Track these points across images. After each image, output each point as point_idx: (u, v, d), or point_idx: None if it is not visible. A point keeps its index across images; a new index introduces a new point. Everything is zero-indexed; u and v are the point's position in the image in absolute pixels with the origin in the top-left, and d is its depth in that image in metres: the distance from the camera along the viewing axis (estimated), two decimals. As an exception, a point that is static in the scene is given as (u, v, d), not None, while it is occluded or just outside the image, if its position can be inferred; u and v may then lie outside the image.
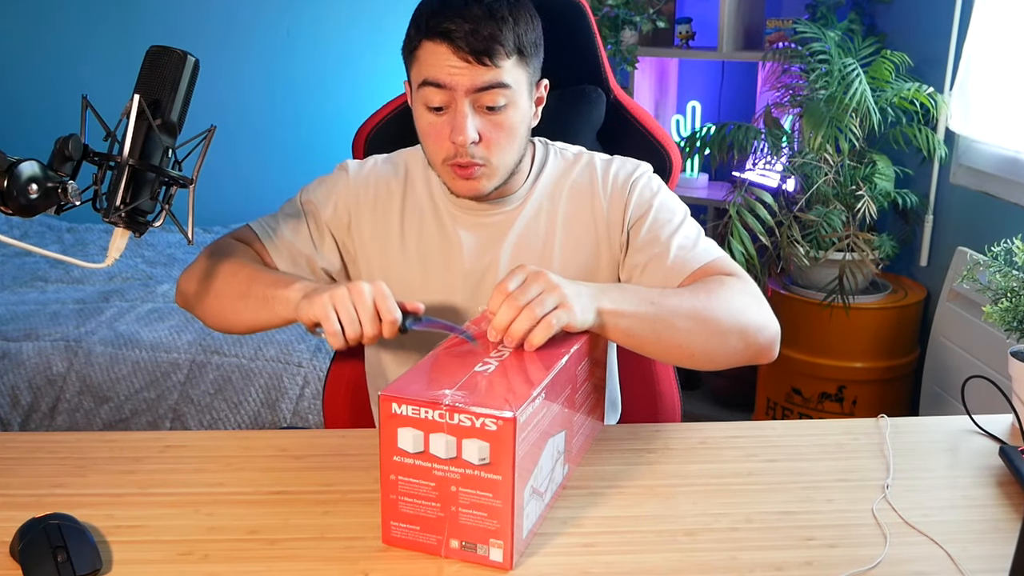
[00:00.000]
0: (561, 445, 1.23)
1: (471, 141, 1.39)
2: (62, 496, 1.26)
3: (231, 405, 2.76)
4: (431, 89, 1.39)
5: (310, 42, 4.40)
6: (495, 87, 1.38)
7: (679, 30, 3.69)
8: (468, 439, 1.06)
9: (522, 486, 1.09)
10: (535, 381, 1.12)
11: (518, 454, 1.05)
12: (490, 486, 1.07)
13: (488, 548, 1.09)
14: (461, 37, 1.34)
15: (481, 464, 1.06)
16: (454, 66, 1.36)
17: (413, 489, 1.10)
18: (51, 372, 2.78)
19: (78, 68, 4.32)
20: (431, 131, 1.43)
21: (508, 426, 1.03)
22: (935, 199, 3.20)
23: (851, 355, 3.09)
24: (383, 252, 1.57)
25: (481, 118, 1.40)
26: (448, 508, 1.09)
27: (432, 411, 1.06)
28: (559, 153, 1.61)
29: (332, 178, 1.60)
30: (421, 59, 1.39)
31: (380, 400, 1.09)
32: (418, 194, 1.57)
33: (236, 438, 1.45)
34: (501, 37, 1.36)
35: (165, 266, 3.72)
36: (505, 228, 1.55)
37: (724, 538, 1.17)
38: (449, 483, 1.08)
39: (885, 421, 1.49)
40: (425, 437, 1.07)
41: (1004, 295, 1.53)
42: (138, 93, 1.18)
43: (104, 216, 1.18)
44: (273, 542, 1.15)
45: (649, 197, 1.54)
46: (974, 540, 1.16)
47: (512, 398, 1.07)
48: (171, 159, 1.23)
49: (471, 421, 1.05)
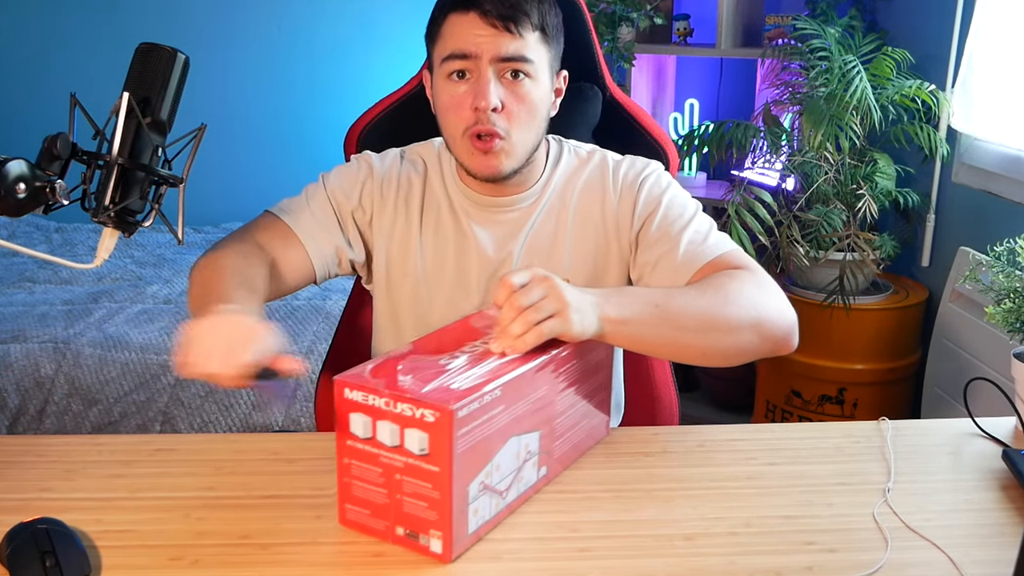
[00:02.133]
0: (534, 446, 1.23)
1: (493, 107, 1.42)
2: (50, 500, 1.26)
3: (222, 408, 2.75)
4: (455, 60, 1.43)
5: (302, 39, 4.39)
6: (518, 59, 1.43)
7: (677, 26, 3.69)
8: (409, 428, 1.08)
9: (465, 480, 1.10)
10: (492, 378, 1.13)
11: (458, 448, 1.07)
12: (429, 477, 1.09)
13: (429, 539, 1.12)
14: (490, 3, 1.40)
15: (421, 455, 1.08)
16: (480, 33, 1.41)
17: (363, 473, 1.14)
18: (39, 374, 2.77)
19: (66, 65, 4.31)
20: (452, 102, 1.45)
21: (445, 419, 1.05)
22: (937, 198, 3.20)
23: (852, 357, 3.10)
24: (402, 246, 1.58)
25: (504, 88, 1.44)
26: (393, 495, 1.13)
27: (378, 398, 1.10)
28: (573, 151, 1.63)
29: (354, 169, 1.60)
30: (446, 34, 1.44)
31: (335, 383, 1.13)
32: (435, 189, 1.59)
33: (227, 441, 1.45)
34: (527, 7, 1.42)
35: (155, 267, 3.72)
36: (519, 225, 1.57)
37: (723, 543, 1.17)
38: (394, 471, 1.11)
39: (886, 424, 1.49)
40: (373, 423, 1.11)
41: (1007, 296, 1.53)
42: (127, 91, 1.18)
43: (93, 216, 1.18)
44: (265, 547, 1.15)
45: (658, 194, 1.55)
46: (977, 544, 1.16)
47: (457, 392, 1.08)
48: (161, 158, 1.23)
49: (411, 411, 1.07)
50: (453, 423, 1.05)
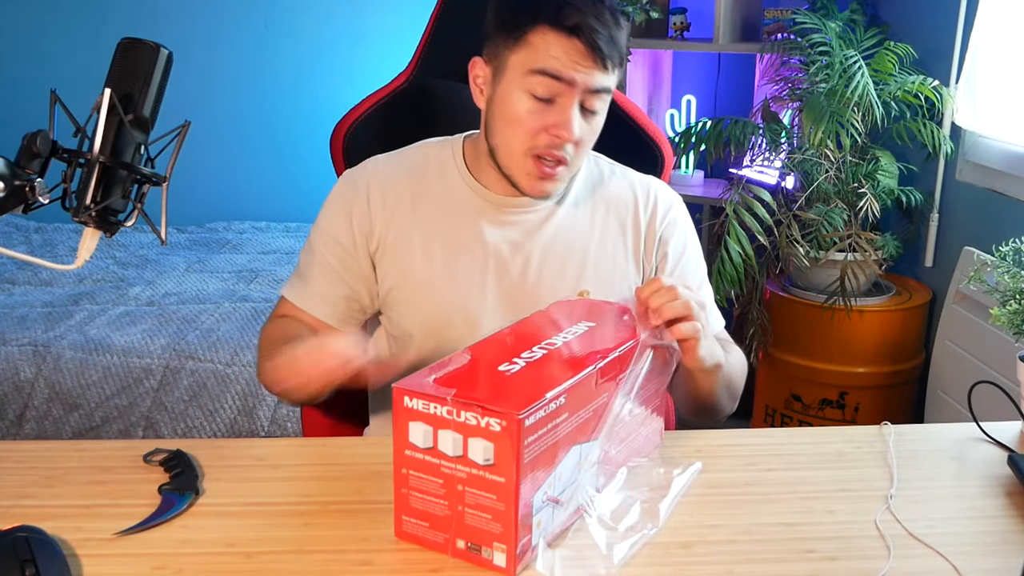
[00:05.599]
0: (595, 454, 1.22)
1: (575, 140, 1.44)
2: (30, 508, 1.26)
3: (206, 412, 2.75)
4: (546, 79, 1.42)
5: (289, 34, 4.39)
6: (603, 92, 1.45)
7: (673, 21, 3.69)
8: (474, 438, 1.07)
9: (530, 491, 1.09)
10: (553, 384, 1.11)
11: (524, 458, 1.06)
12: (494, 488, 1.07)
13: (492, 552, 1.10)
14: (594, 35, 1.39)
15: (486, 465, 1.07)
16: (580, 63, 1.41)
17: (423, 485, 1.12)
18: (18, 378, 2.77)
19: (47, 61, 4.30)
20: (528, 119, 1.45)
21: (513, 428, 1.04)
22: (940, 197, 3.21)
23: (853, 360, 3.10)
24: (407, 249, 1.56)
25: (583, 119, 1.46)
26: (455, 507, 1.11)
27: (441, 407, 1.08)
28: (595, 161, 1.66)
29: (337, 199, 1.60)
30: (539, 46, 1.42)
31: (393, 392, 1.11)
32: (430, 187, 1.58)
33: (211, 447, 1.45)
34: (620, 43, 1.43)
35: (137, 267, 3.72)
36: (536, 227, 1.58)
37: (721, 551, 1.17)
38: (456, 481, 1.09)
39: (888, 428, 1.49)
40: (434, 433, 1.09)
41: (1013, 297, 1.53)
42: (109, 87, 1.17)
43: (74, 215, 1.18)
44: (250, 555, 1.15)
45: (683, 242, 1.65)
46: (981, 552, 1.17)
47: (523, 400, 1.06)
48: (143, 156, 1.23)
49: (476, 420, 1.06)
50: (520, 432, 1.04)
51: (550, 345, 1.23)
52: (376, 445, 1.45)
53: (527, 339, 1.26)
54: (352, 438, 1.48)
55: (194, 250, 4.00)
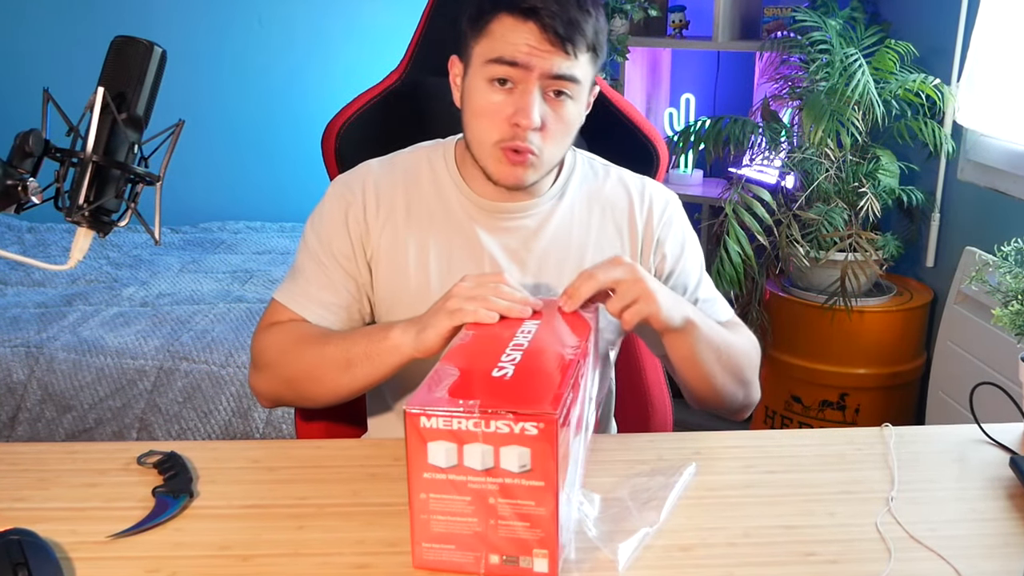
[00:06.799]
0: (581, 450, 1.21)
1: (535, 127, 1.42)
2: (22, 510, 1.25)
3: (200, 414, 2.75)
4: (503, 67, 1.41)
5: (283, 32, 4.39)
6: (567, 79, 1.42)
7: (672, 19, 3.69)
8: (506, 447, 1.04)
9: (562, 490, 1.07)
10: (555, 380, 1.10)
11: (559, 455, 1.05)
12: (532, 494, 1.05)
13: (532, 559, 1.09)
14: (551, 18, 1.37)
15: (522, 471, 1.05)
16: (535, 46, 1.39)
17: (446, 506, 1.09)
18: (11, 380, 2.77)
19: (39, 59, 4.30)
20: (490, 110, 1.44)
21: (550, 428, 1.02)
22: (942, 196, 3.21)
23: (854, 361, 3.10)
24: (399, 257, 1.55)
25: (546, 105, 1.43)
26: (486, 522, 1.08)
27: (466, 420, 1.04)
28: (588, 162, 1.65)
29: (331, 205, 1.58)
30: (496, 34, 1.41)
31: (406, 416, 1.06)
32: (423, 195, 1.57)
33: (206, 449, 1.45)
34: (585, 28, 1.40)
35: (131, 268, 3.71)
36: (532, 233, 1.57)
37: (721, 553, 1.17)
38: (487, 495, 1.07)
39: (889, 430, 1.49)
40: (459, 449, 1.06)
41: (1015, 297, 1.54)
42: (102, 86, 1.17)
43: (67, 215, 1.18)
44: (245, 558, 1.15)
45: (681, 241, 1.64)
46: (983, 555, 1.17)
47: (544, 400, 1.05)
48: (137, 155, 1.23)
49: (510, 427, 1.03)
50: (557, 432, 1.02)
51: (519, 347, 1.21)
52: (372, 447, 1.45)
53: (492, 343, 1.23)
54: (346, 440, 1.48)
55: (188, 250, 4.00)
